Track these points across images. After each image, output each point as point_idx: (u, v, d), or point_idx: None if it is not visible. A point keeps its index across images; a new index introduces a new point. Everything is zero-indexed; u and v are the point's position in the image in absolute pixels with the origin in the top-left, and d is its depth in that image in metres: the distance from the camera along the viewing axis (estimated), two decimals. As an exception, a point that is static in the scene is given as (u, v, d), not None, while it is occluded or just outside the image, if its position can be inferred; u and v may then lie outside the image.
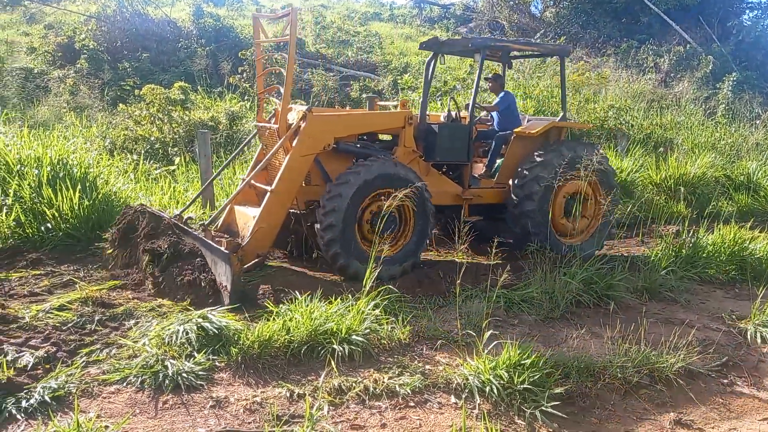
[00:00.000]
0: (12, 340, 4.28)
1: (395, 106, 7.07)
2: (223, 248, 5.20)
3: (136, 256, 5.79)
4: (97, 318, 4.74)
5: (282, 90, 6.06)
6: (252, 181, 6.20)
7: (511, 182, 7.08)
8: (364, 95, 15.45)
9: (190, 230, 5.75)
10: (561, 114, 7.70)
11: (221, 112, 11.59)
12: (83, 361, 4.07)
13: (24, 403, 3.53)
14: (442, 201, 6.84)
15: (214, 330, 4.49)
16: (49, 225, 6.46)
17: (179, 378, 3.91)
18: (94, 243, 6.43)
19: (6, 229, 6.41)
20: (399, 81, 16.40)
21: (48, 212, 6.51)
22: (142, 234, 5.71)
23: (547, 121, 7.62)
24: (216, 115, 11.48)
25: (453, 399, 3.93)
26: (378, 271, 5.16)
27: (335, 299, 4.99)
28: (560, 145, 7.18)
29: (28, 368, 3.94)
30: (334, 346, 4.32)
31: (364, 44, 20.71)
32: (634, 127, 13.24)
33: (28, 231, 6.50)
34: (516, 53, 8.00)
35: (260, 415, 3.65)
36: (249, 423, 3.56)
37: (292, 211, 6.35)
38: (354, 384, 3.99)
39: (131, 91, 13.53)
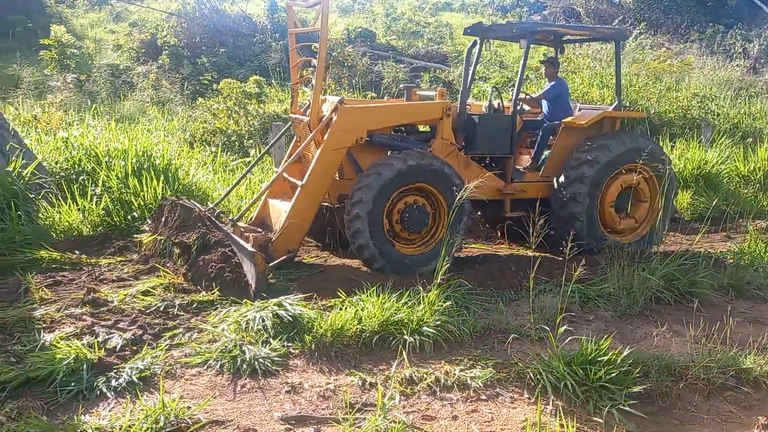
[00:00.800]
0: (102, 323, 4.56)
1: (434, 96, 6.97)
2: (248, 245, 5.12)
3: (169, 247, 5.77)
4: (178, 303, 4.97)
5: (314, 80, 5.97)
6: (285, 174, 6.11)
7: (555, 180, 6.74)
8: (433, 86, 15.39)
9: (219, 225, 5.62)
10: (615, 102, 7.27)
11: (294, 105, 11.81)
12: (167, 344, 4.27)
13: (113, 382, 3.74)
14: (482, 195, 6.34)
15: (289, 318, 4.61)
16: (135, 214, 6.80)
17: (256, 363, 4.04)
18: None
19: (96, 218, 6.78)
20: (470, 71, 16.19)
21: (134, 201, 6.85)
22: (174, 226, 5.72)
23: (601, 110, 7.22)
24: (289, 107, 11.70)
25: (525, 394, 3.88)
26: (404, 268, 5.39)
27: (406, 290, 5.03)
28: (610, 138, 6.77)
29: (117, 349, 4.18)
30: (406, 337, 4.34)
31: (435, 35, 20.59)
32: (719, 117, 12.58)
33: (115, 219, 6.86)
34: (569, 38, 7.65)
35: (333, 401, 3.72)
36: (323, 409, 3.64)
37: (326, 204, 6.29)
38: (425, 375, 4.00)
39: (209, 85, 14.00)
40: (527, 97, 7.73)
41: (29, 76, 12.79)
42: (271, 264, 5.31)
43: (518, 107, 7.24)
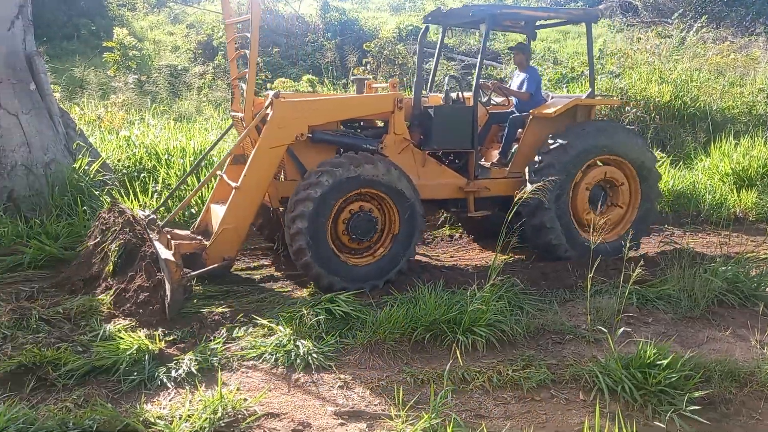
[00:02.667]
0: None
1: (384, 88, 6.33)
2: (166, 252, 4.75)
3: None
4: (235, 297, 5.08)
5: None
6: (224, 177, 5.69)
7: (526, 172, 6.20)
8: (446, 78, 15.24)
9: (147, 232, 5.18)
10: (589, 90, 6.61)
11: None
12: (224, 337, 4.37)
13: (173, 373, 3.86)
14: (441, 194, 6.13)
15: (341, 313, 4.67)
16: (193, 210, 6.98)
17: (309, 358, 4.10)
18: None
19: (156, 214, 6.99)
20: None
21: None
22: (107, 235, 5.28)
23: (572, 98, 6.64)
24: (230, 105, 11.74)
25: (581, 396, 3.81)
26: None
27: (459, 289, 5.01)
28: (580, 126, 6.26)
29: (177, 341, 4.31)
30: (458, 336, 4.32)
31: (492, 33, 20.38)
32: (787, 113, 11.99)
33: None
34: (541, 22, 6.97)
35: (385, 398, 3.73)
36: (375, 405, 3.66)
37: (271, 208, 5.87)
38: (477, 374, 3.97)
39: (264, 84, 14.24)
40: (497, 84, 7.08)
41: (94, 77, 13.29)
42: (194, 273, 4.91)
43: (485, 98, 6.82)
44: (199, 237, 5.57)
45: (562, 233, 6.09)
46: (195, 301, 5.04)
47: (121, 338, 4.07)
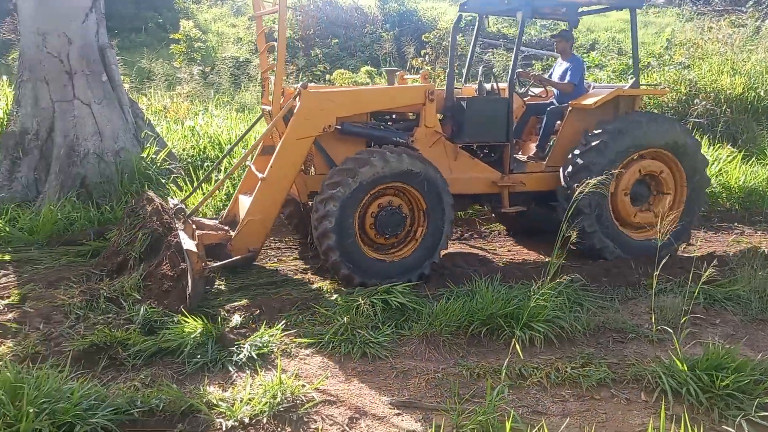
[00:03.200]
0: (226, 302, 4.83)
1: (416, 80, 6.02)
2: (189, 242, 4.69)
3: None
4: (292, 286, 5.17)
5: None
6: (253, 168, 5.65)
7: (561, 170, 5.93)
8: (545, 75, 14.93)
9: (173, 221, 5.21)
10: (633, 79, 6.29)
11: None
12: (283, 324, 4.45)
13: (235, 357, 3.96)
14: (474, 189, 5.90)
15: (397, 304, 4.69)
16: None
17: (366, 347, 4.14)
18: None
19: (219, 202, 7.19)
20: (585, 59, 15.57)
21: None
22: (136, 223, 5.33)
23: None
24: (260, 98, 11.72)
25: (642, 396, 3.70)
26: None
27: (516, 283, 4.95)
28: (622, 119, 5.91)
29: (238, 327, 4.42)
30: (515, 331, 4.27)
31: (549, 22, 19.93)
32: None
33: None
34: (584, 9, 6.57)
35: (441, 390, 3.73)
36: (431, 397, 3.66)
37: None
38: (535, 370, 3.92)
39: (322, 75, 14.37)
40: (537, 76, 6.80)
41: (160, 69, 13.72)
42: (217, 264, 4.93)
43: (524, 89, 6.55)
44: (227, 227, 5.50)
45: (605, 236, 5.84)
46: (254, 288, 5.17)
47: (187, 322, 4.20)
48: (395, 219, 5.23)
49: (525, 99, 6.57)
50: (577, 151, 5.82)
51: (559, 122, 6.23)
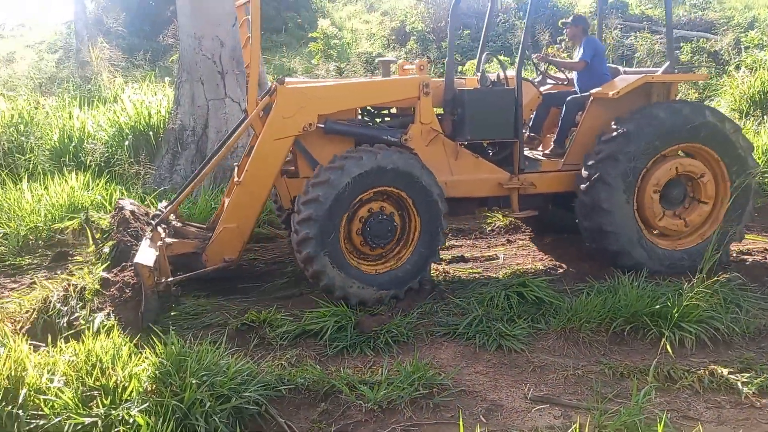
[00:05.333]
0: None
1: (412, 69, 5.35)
2: (142, 254, 4.28)
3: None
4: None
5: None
6: (235, 171, 5.16)
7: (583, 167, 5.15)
8: (695, 57, 13.82)
9: (147, 229, 4.85)
10: (666, 63, 5.43)
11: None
12: (417, 313, 4.52)
13: (372, 343, 4.09)
14: (478, 192, 5.24)
15: (533, 298, 4.59)
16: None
17: (501, 340, 4.09)
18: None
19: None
20: (743, 39, 14.21)
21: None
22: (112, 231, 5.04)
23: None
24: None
25: (813, 409, 3.35)
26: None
27: (664, 280, 4.67)
28: (650, 108, 5.08)
29: (375, 314, 4.55)
30: (664, 331, 4.03)
31: (699, 0, 18.43)
32: None
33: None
34: None
35: (581, 387, 3.61)
36: (570, 394, 3.56)
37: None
38: (686, 373, 3.68)
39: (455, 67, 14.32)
40: (543, 57, 6.09)
41: (299, 66, 14.39)
42: (180, 277, 4.49)
43: (537, 78, 5.75)
44: (211, 234, 4.95)
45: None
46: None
47: (328, 307, 4.40)
48: (384, 227, 4.70)
49: (543, 88, 5.91)
50: (597, 145, 5.08)
51: (580, 113, 5.47)
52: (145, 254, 4.27)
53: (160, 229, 4.79)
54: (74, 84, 11.74)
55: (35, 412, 3.00)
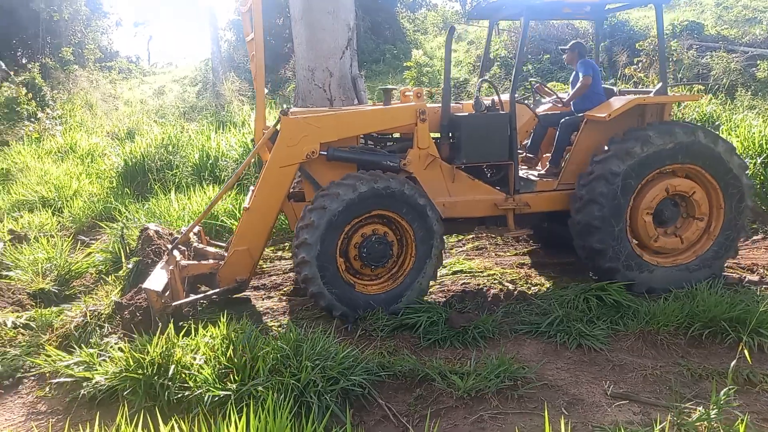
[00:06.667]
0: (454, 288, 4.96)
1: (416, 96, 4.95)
2: (153, 279, 4.12)
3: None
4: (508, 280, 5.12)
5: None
6: (250, 194, 4.93)
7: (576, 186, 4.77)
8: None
9: (167, 251, 4.69)
10: (659, 84, 4.96)
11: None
12: (502, 312, 4.43)
13: (461, 337, 4.05)
14: (474, 212, 4.90)
15: (612, 301, 4.38)
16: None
17: (581, 339, 3.93)
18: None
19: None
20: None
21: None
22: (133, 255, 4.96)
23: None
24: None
25: None
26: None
27: (741, 287, 4.31)
28: (627, 135, 4.65)
29: (464, 311, 4.51)
30: (742, 335, 3.72)
31: (778, 18, 16.91)
32: None
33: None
34: (610, 6, 5.26)
35: (659, 387, 3.40)
36: (648, 393, 3.36)
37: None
38: (765, 377, 3.39)
39: (532, 88, 13.95)
40: (541, 86, 5.72)
41: (395, 93, 14.57)
42: (184, 300, 4.15)
43: (531, 100, 5.31)
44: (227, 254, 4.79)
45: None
46: (473, 276, 5.23)
47: (421, 304, 4.40)
48: (380, 249, 4.45)
49: (538, 110, 5.55)
50: (583, 175, 4.73)
51: (575, 134, 5.08)
52: (155, 279, 4.17)
53: (176, 252, 4.62)
54: (211, 111, 12.50)
55: (182, 384, 3.20)
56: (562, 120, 5.25)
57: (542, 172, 5.35)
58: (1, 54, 17.35)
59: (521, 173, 5.20)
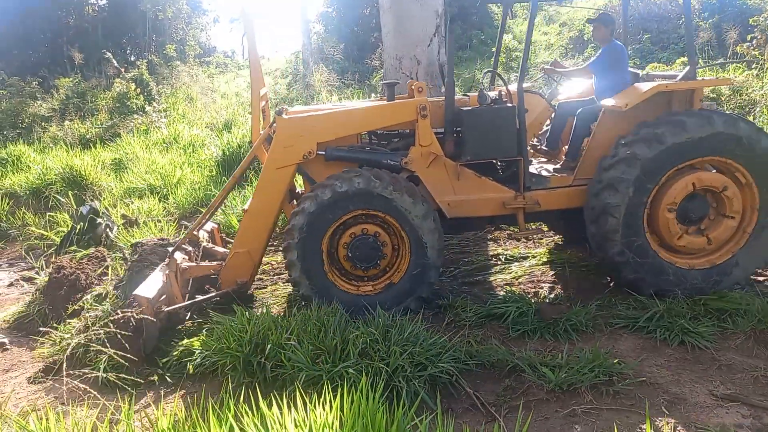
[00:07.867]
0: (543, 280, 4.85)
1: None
2: (143, 286, 4.03)
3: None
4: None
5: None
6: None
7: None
8: None
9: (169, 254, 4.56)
10: (686, 68, 4.42)
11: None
12: (596, 305, 4.26)
13: (551, 329, 3.95)
14: (482, 211, 4.56)
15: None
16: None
17: (684, 336, 3.71)
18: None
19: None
20: None
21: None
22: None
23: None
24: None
25: None
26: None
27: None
28: (658, 121, 4.20)
29: (553, 302, 4.39)
30: None
31: None
32: None
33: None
34: None
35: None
36: (760, 395, 3.12)
37: None
38: None
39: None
40: (548, 69, 5.22)
41: (481, 78, 14.29)
42: (172, 307, 4.09)
43: (549, 90, 4.77)
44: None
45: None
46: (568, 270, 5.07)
47: (507, 294, 4.34)
48: (370, 249, 4.27)
49: (558, 98, 5.12)
50: (603, 164, 4.31)
51: (594, 124, 4.63)
52: (148, 285, 4.12)
53: (177, 254, 4.55)
54: (302, 102, 12.90)
55: (277, 362, 3.37)
56: (579, 110, 4.85)
57: (557, 166, 4.98)
58: (114, 52, 18.83)
59: (535, 168, 4.92)
